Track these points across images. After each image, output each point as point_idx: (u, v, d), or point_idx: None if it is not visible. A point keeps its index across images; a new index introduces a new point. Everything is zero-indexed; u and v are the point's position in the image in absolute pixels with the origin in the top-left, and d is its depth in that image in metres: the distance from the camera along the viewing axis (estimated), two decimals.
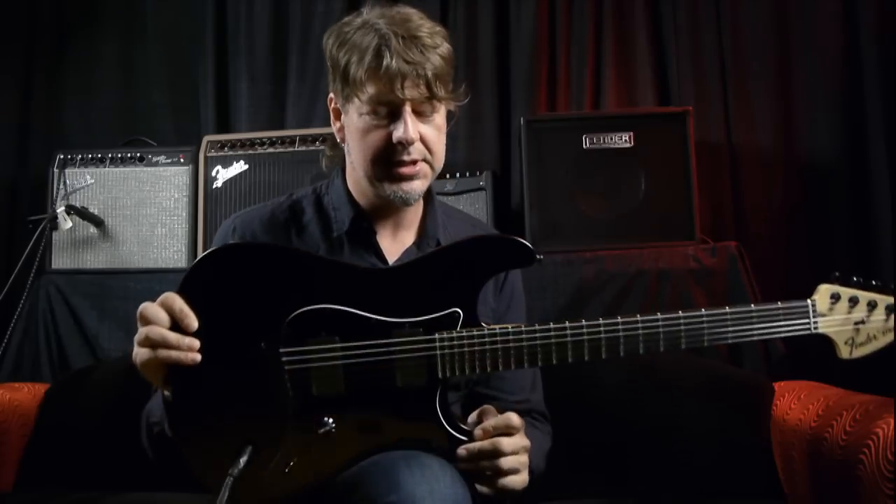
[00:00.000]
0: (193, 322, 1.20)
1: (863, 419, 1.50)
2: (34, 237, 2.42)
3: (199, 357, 1.19)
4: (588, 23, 2.67)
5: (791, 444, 1.77)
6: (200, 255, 1.26)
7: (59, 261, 2.46)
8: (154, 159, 2.50)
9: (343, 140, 1.46)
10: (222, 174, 2.44)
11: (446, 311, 1.26)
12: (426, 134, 1.38)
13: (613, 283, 2.21)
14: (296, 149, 2.44)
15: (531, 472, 1.33)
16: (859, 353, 1.29)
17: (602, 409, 1.95)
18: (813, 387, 1.86)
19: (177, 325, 1.20)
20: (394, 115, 1.35)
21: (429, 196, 1.52)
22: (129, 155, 2.51)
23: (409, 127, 1.34)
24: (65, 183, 2.47)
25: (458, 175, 2.44)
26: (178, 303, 1.21)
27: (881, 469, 1.39)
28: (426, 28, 1.35)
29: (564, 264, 2.25)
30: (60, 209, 2.41)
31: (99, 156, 2.51)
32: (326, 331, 1.25)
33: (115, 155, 2.51)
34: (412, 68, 1.31)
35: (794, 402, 1.82)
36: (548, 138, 2.35)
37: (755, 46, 2.60)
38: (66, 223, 2.42)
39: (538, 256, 1.29)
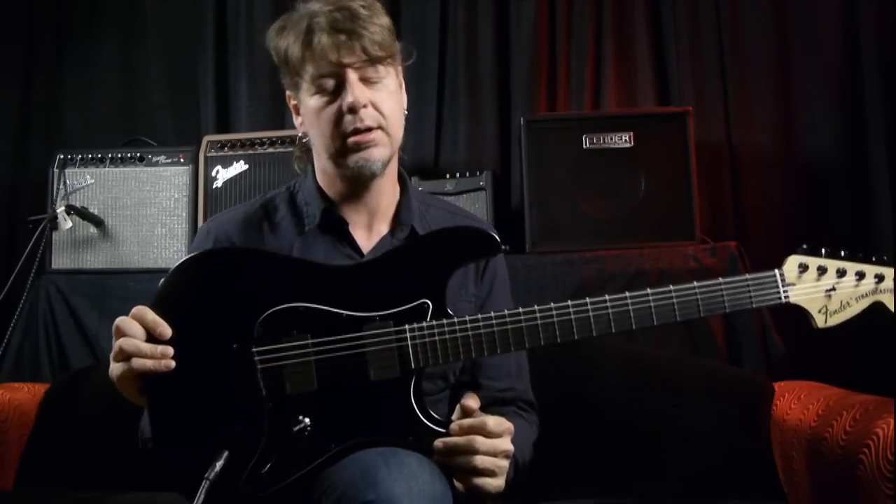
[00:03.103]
0: (167, 330, 1.22)
1: (863, 419, 1.51)
2: (34, 237, 2.42)
3: (172, 364, 1.21)
4: (588, 23, 2.67)
5: (791, 444, 1.77)
6: (171, 269, 1.28)
7: (59, 261, 2.46)
8: (154, 159, 2.50)
9: (305, 134, 1.48)
10: (222, 174, 2.44)
11: (415, 303, 1.27)
12: (376, 99, 1.38)
13: (613, 283, 2.21)
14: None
15: (516, 465, 1.34)
16: (834, 321, 1.29)
17: (602, 409, 1.95)
18: (813, 387, 1.86)
19: (151, 338, 1.22)
20: (340, 86, 1.37)
21: (403, 184, 1.52)
22: (129, 155, 2.51)
23: (355, 91, 1.35)
24: (65, 183, 2.47)
25: (458, 175, 2.45)
26: (150, 314, 1.23)
27: (881, 469, 1.39)
28: (359, 1, 1.37)
29: (564, 264, 2.25)
30: (60, 209, 2.41)
31: (99, 156, 2.51)
32: (298, 329, 1.25)
33: (115, 155, 2.51)
34: (345, 35, 1.33)
35: (794, 402, 1.82)
36: (548, 138, 2.35)
37: (755, 46, 2.60)
38: (66, 223, 2.42)
39: (504, 247, 1.31)
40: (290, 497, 1.22)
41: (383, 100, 1.38)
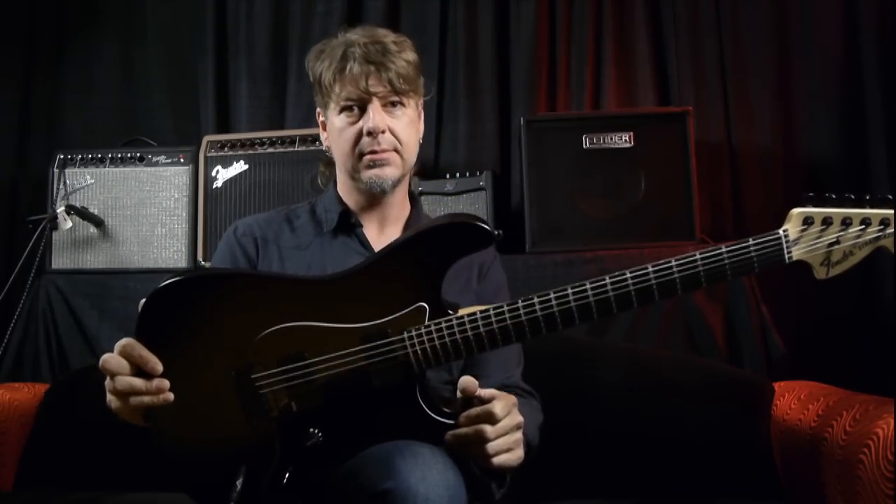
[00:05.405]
0: (158, 366, 1.21)
1: (863, 419, 1.51)
2: (34, 237, 2.41)
3: (171, 396, 1.21)
4: (588, 23, 2.66)
5: (791, 444, 1.77)
6: (148, 294, 1.25)
7: (59, 261, 2.46)
8: (154, 159, 2.50)
9: (328, 148, 1.61)
10: (222, 174, 2.44)
11: (412, 307, 1.26)
12: (395, 126, 1.51)
13: None
14: (296, 149, 2.44)
15: (527, 446, 1.34)
16: (836, 271, 1.23)
17: (602, 409, 1.95)
18: (813, 387, 1.86)
19: (143, 371, 1.21)
20: (363, 111, 1.50)
21: (414, 200, 1.66)
22: (129, 155, 2.51)
23: (376, 117, 1.48)
24: (65, 183, 2.47)
25: (458, 175, 2.45)
26: (137, 349, 1.22)
27: (881, 469, 1.39)
28: (391, 37, 1.52)
29: (564, 264, 2.25)
30: (60, 209, 2.41)
31: (99, 156, 2.50)
32: (294, 348, 1.25)
33: (115, 155, 2.51)
34: (374, 67, 1.47)
35: (794, 402, 1.82)
36: (548, 138, 2.35)
37: (755, 46, 2.60)
38: (66, 223, 2.42)
39: (496, 232, 1.29)
40: (310, 491, 1.25)
41: (401, 127, 1.52)
